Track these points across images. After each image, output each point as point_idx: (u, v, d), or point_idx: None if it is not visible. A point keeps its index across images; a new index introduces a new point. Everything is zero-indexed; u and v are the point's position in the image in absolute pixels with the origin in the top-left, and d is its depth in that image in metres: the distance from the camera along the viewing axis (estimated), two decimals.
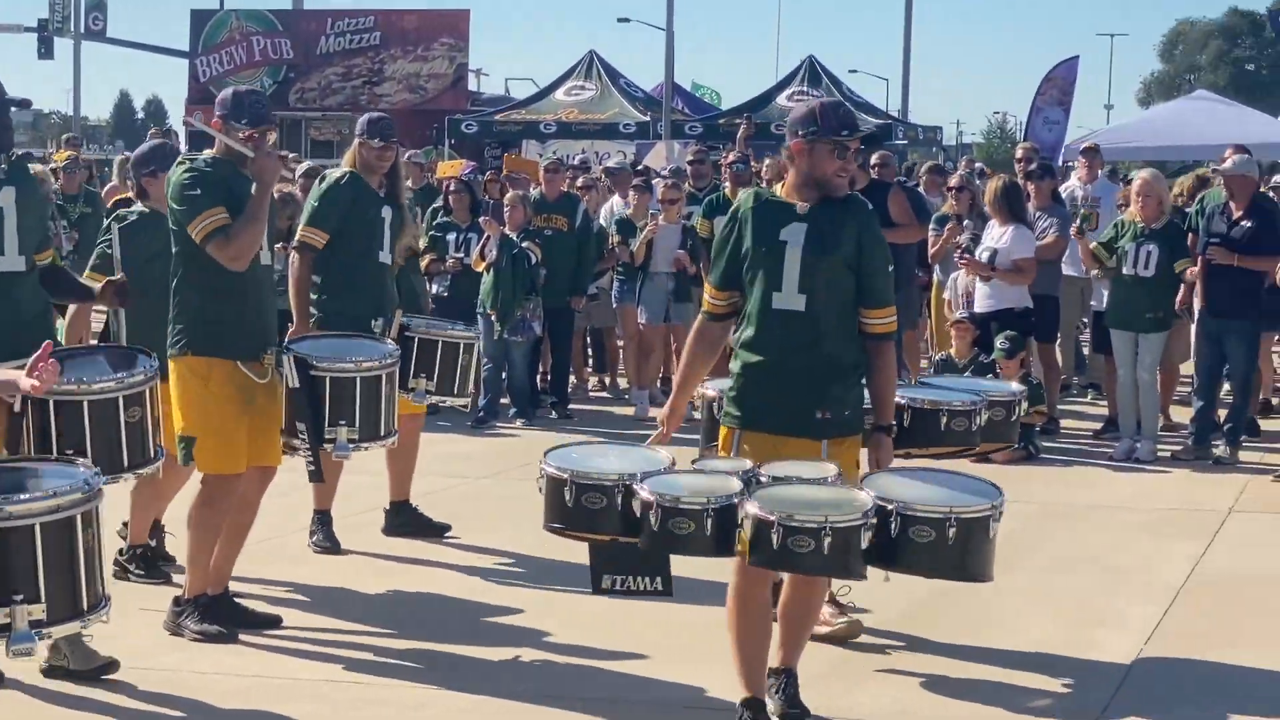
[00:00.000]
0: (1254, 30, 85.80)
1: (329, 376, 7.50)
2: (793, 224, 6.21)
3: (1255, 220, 11.96)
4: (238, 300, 7.40)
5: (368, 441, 7.71)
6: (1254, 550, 9.60)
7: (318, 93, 38.33)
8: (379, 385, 7.67)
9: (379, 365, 7.70)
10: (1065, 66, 25.70)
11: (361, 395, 7.58)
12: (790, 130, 6.29)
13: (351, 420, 7.56)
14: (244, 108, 7.51)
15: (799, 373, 6.16)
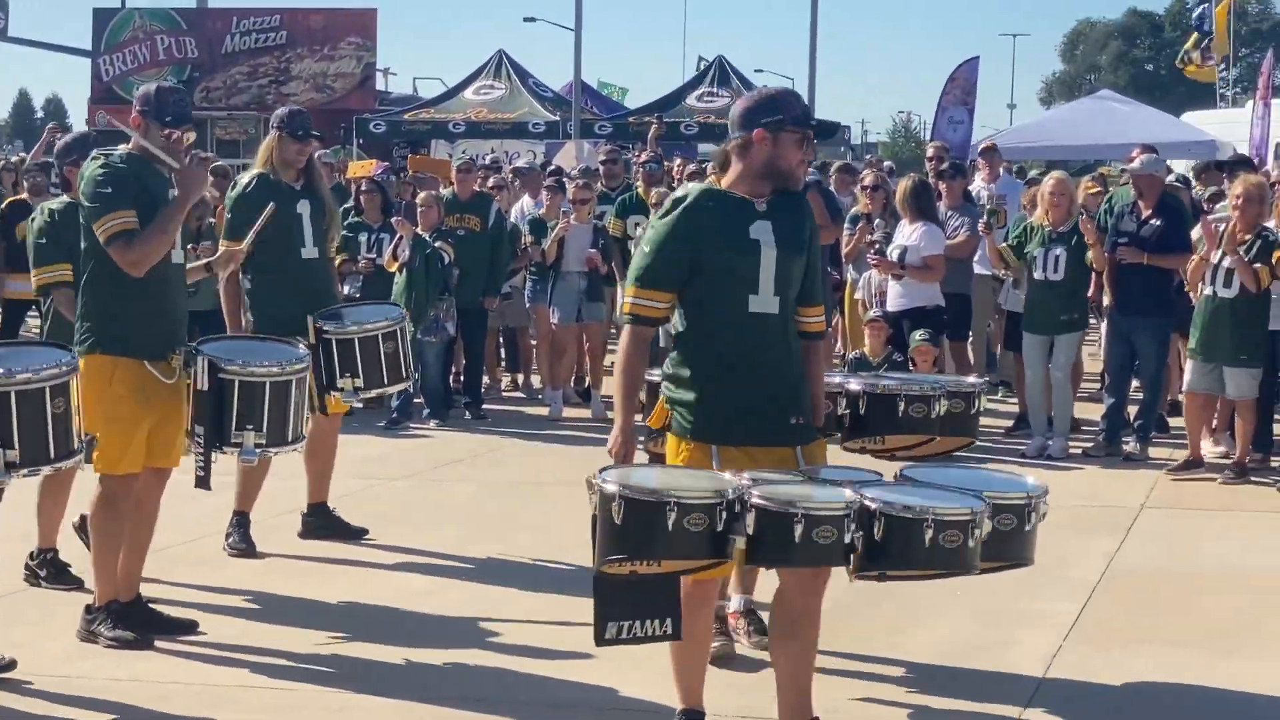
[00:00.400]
0: (1153, 31, 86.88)
1: (238, 380, 7.38)
2: (758, 221, 5.85)
3: (1164, 219, 12.09)
4: (145, 299, 7.30)
5: (274, 447, 7.60)
6: (1166, 546, 9.70)
7: (223, 92, 38.03)
8: (289, 390, 7.55)
9: (289, 371, 7.56)
10: (967, 67, 25.91)
11: (270, 400, 7.46)
12: (745, 119, 5.87)
13: (259, 425, 7.44)
14: (167, 106, 7.41)
15: (776, 379, 5.88)
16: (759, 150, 5.85)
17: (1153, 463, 11.94)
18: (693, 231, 5.82)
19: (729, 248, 5.82)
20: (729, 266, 5.81)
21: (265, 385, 7.41)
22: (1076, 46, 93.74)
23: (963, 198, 14.19)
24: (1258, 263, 11.16)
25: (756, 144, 5.85)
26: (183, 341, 7.46)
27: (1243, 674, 7.15)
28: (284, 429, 7.54)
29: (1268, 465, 11.76)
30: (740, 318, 5.83)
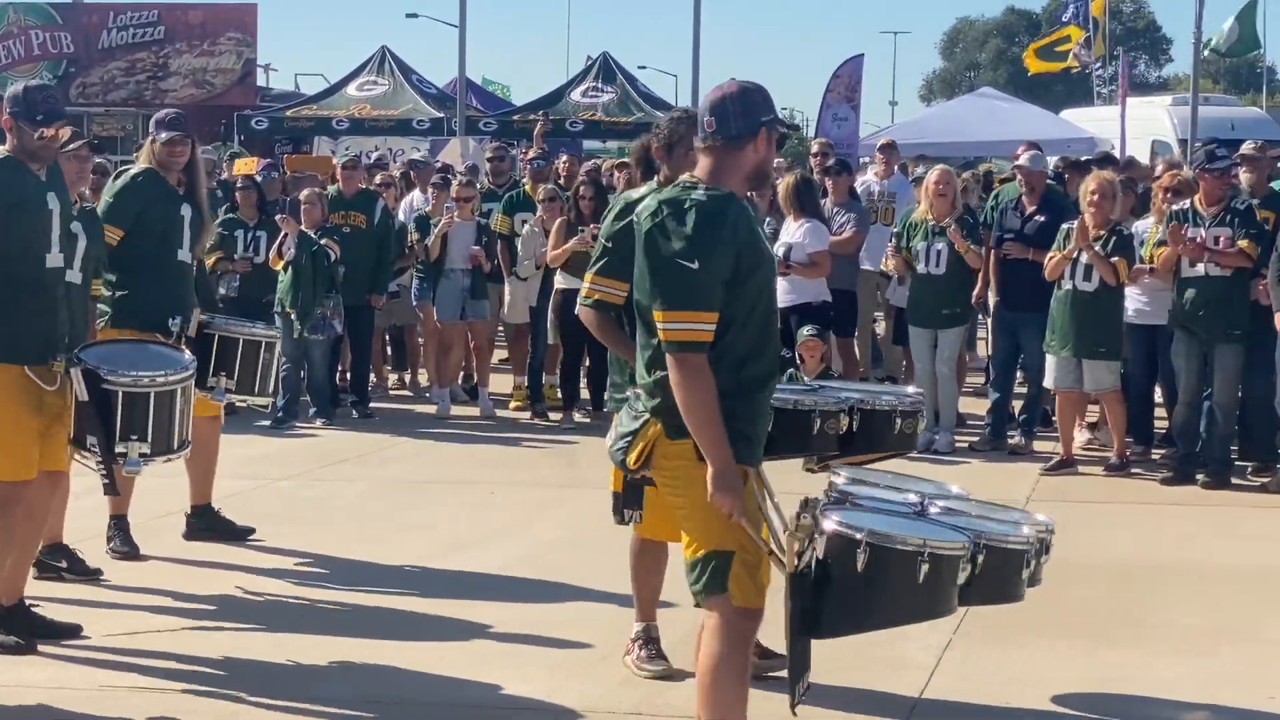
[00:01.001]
0: (1030, 29, 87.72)
1: (121, 391, 7.26)
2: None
3: (1047, 214, 12.23)
4: (23, 303, 7.17)
5: (160, 455, 7.47)
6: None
7: (100, 88, 37.49)
8: (173, 399, 7.43)
9: (174, 379, 7.43)
10: (851, 64, 26.05)
11: (155, 409, 7.33)
12: (748, 116, 5.33)
13: (144, 435, 7.31)
14: (36, 105, 7.26)
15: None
16: (759, 151, 5.37)
17: (1038, 456, 12.06)
18: (736, 241, 5.23)
19: (763, 259, 5.36)
20: (766, 277, 5.40)
21: (150, 395, 7.28)
22: (956, 44, 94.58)
23: (849, 194, 14.26)
24: (1116, 256, 11.32)
25: (761, 144, 5.36)
26: (63, 347, 7.28)
27: (1124, 663, 7.27)
28: (169, 437, 7.41)
29: (1148, 457, 11.92)
30: (772, 332, 5.46)
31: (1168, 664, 7.26)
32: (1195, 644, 7.57)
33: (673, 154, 6.56)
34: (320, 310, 13.50)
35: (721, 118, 5.32)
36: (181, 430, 7.49)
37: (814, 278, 12.85)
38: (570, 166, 15.45)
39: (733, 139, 5.30)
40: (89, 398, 7.12)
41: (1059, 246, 11.55)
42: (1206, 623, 7.93)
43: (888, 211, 15.06)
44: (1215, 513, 10.44)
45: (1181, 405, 11.34)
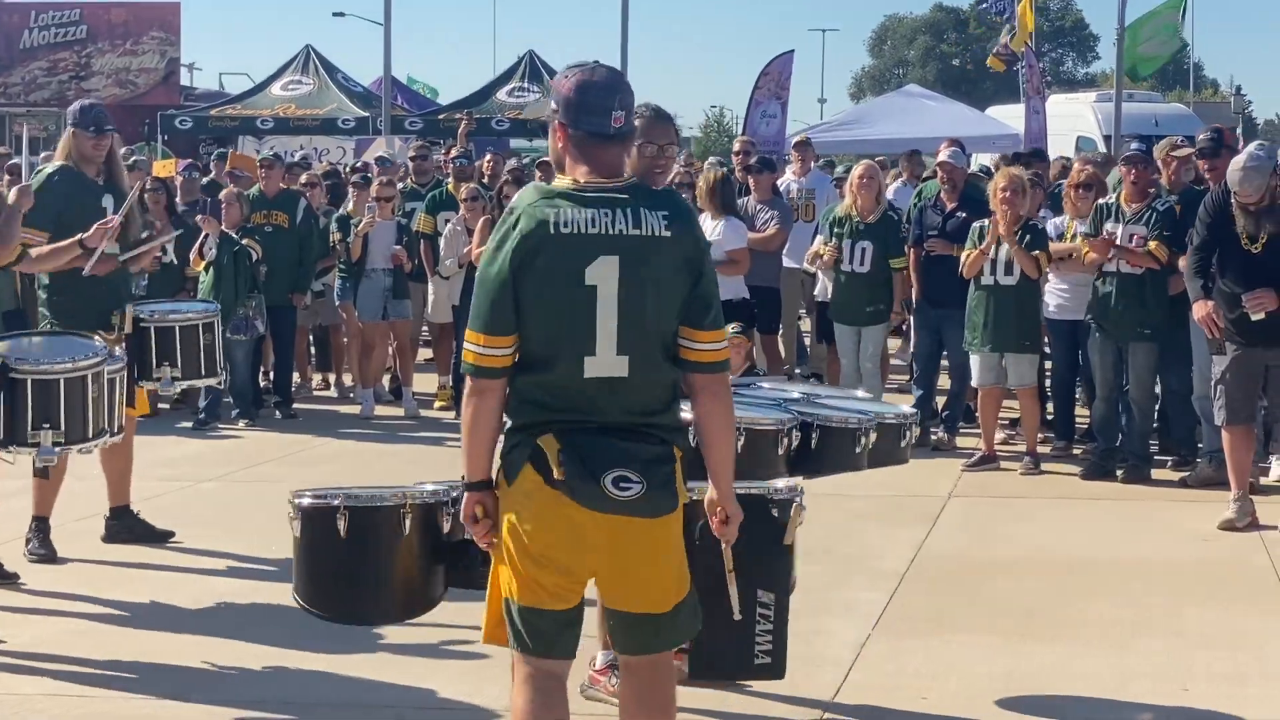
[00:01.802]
0: (958, 26, 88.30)
1: (30, 379, 7.21)
2: None
3: (968, 210, 12.29)
4: None
5: (75, 444, 7.43)
6: (972, 534, 9.86)
7: (22, 88, 37.25)
8: (85, 386, 7.38)
9: (82, 366, 7.39)
10: (781, 61, 26.05)
11: (66, 397, 7.29)
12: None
13: (56, 423, 7.27)
14: None
15: None
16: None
17: (960, 452, 12.12)
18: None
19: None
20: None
21: (60, 382, 7.24)
22: (885, 41, 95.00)
23: (772, 192, 14.30)
24: (1033, 250, 11.40)
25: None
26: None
27: (1043, 656, 7.32)
28: (83, 425, 7.37)
29: (1070, 452, 12.00)
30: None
31: (1085, 657, 7.31)
32: (1112, 637, 7.63)
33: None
34: (242, 310, 13.43)
35: (629, 110, 4.97)
36: (99, 418, 7.43)
37: (733, 275, 12.85)
38: (494, 165, 15.43)
39: (632, 133, 5.00)
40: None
41: (972, 244, 11.61)
42: (1123, 616, 7.99)
43: (808, 208, 15.12)
44: (1133, 507, 10.52)
45: (1099, 401, 11.43)
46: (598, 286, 4.68)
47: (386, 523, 5.61)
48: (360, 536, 5.60)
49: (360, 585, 5.74)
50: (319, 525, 5.63)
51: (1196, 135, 11.65)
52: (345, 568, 5.70)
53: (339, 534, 5.58)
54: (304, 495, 5.72)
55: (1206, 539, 9.62)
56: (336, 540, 5.60)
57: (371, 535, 5.63)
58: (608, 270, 4.68)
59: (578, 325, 4.70)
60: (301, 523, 5.67)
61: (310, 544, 5.69)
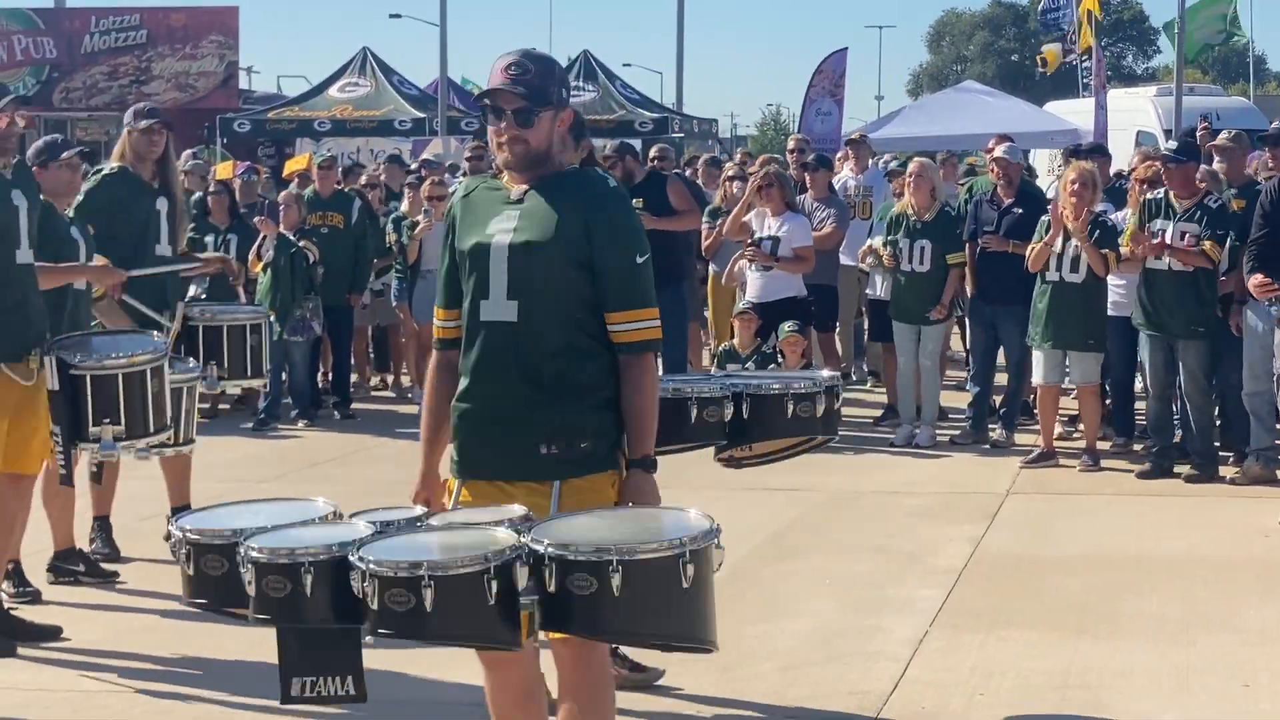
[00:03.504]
0: (1017, 21, 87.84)
1: (89, 375, 7.25)
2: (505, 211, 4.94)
3: (1024, 207, 12.25)
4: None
5: (135, 438, 7.45)
6: (1030, 531, 9.84)
7: (83, 92, 37.46)
8: (144, 380, 7.39)
9: (139, 361, 7.37)
10: (835, 58, 26.05)
11: (125, 391, 7.31)
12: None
13: (116, 417, 7.30)
14: None
15: (512, 399, 4.93)
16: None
17: (1018, 449, 12.09)
18: (450, 231, 5.04)
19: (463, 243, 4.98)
20: (466, 266, 4.96)
21: (118, 377, 7.28)
22: (943, 38, 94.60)
23: (828, 190, 14.29)
24: (1103, 247, 11.34)
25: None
26: (39, 341, 7.30)
27: (1100, 652, 7.29)
28: (144, 419, 7.38)
29: (1130, 449, 11.95)
30: (474, 328, 4.94)
31: (1143, 654, 7.28)
32: (1171, 634, 7.60)
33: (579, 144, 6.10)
34: (299, 311, 13.52)
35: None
36: (159, 413, 7.46)
37: (798, 273, 12.88)
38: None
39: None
40: (59, 386, 7.13)
41: (1039, 238, 11.55)
42: (1181, 613, 7.96)
43: (865, 205, 15.10)
44: (1192, 503, 10.47)
45: (1152, 399, 11.35)
46: None
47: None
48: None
49: None
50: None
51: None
52: None
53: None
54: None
55: (1267, 534, 9.56)
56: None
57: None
58: None
59: None
60: None
61: None
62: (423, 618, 4.33)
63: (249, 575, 4.66)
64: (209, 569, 4.96)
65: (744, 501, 9.96)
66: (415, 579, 4.32)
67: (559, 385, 4.87)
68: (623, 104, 30.33)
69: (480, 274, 4.89)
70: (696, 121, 35.12)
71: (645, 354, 4.93)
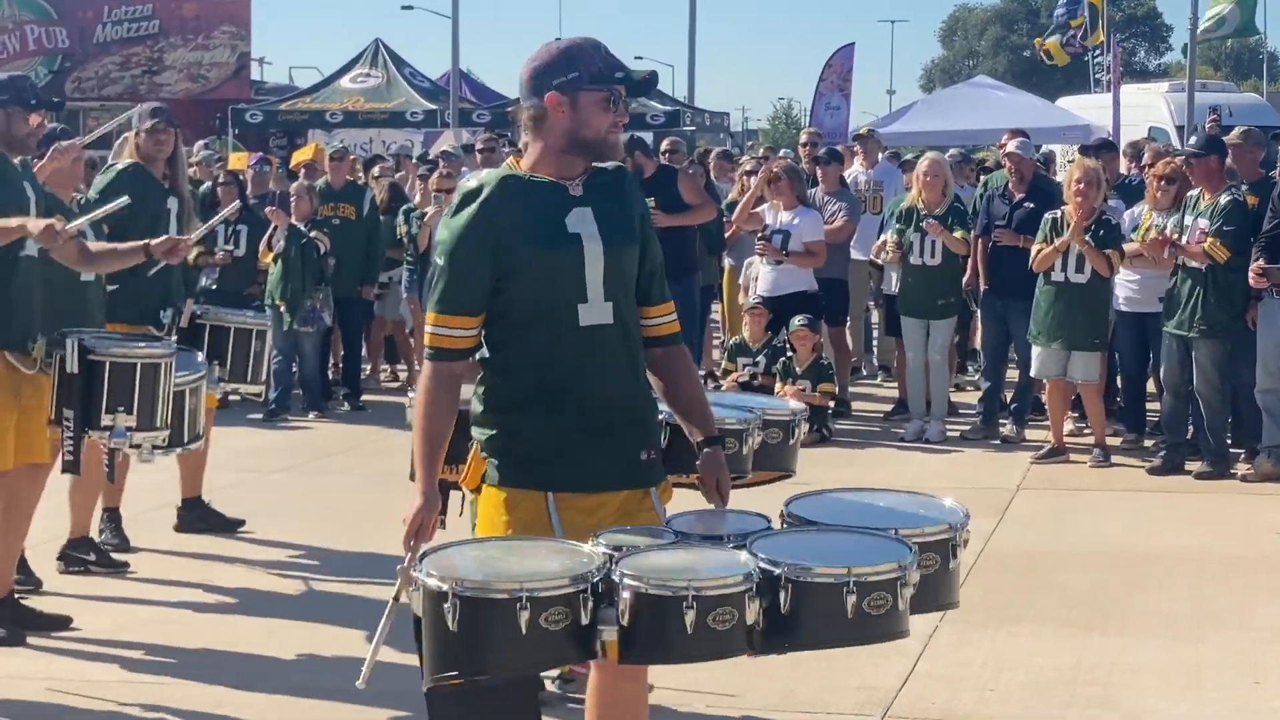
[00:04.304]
0: (1030, 16, 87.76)
1: (108, 362, 7.25)
2: (575, 209, 4.66)
3: (1036, 202, 12.22)
4: (7, 297, 7.18)
5: (145, 431, 7.43)
6: (1041, 526, 9.82)
7: (95, 82, 37.51)
8: (158, 374, 7.40)
9: (158, 353, 7.42)
10: (843, 53, 26.07)
11: (140, 382, 7.31)
12: (535, 88, 4.63)
13: (130, 407, 7.30)
14: (26, 91, 7.30)
15: (617, 405, 4.76)
16: (562, 117, 4.61)
17: (1029, 444, 12.07)
18: (491, 232, 4.60)
19: (541, 245, 4.62)
20: (545, 268, 4.62)
21: (136, 366, 7.29)
22: (955, 32, 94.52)
23: (839, 183, 14.27)
24: (1106, 248, 11.30)
25: (561, 110, 4.61)
26: (41, 332, 7.30)
27: (1111, 648, 7.28)
28: (153, 413, 7.39)
29: (1141, 445, 11.93)
30: (568, 333, 4.64)
31: (1154, 650, 7.27)
32: (1181, 630, 7.58)
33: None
34: (310, 302, 13.52)
35: (521, 91, 4.70)
36: (166, 411, 7.46)
37: (809, 267, 12.87)
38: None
39: (531, 114, 4.65)
40: (77, 370, 7.12)
41: (1044, 237, 11.53)
42: (1192, 609, 7.95)
43: (875, 200, 15.08)
44: (1203, 500, 10.45)
45: (1166, 395, 11.33)
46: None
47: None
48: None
49: None
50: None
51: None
52: None
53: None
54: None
55: (1278, 532, 9.54)
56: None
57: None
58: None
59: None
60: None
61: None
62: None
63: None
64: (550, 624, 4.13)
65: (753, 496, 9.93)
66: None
67: (649, 387, 4.85)
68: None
69: (574, 276, 4.62)
70: (708, 115, 35.09)
71: (682, 342, 4.96)
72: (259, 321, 9.25)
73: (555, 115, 4.60)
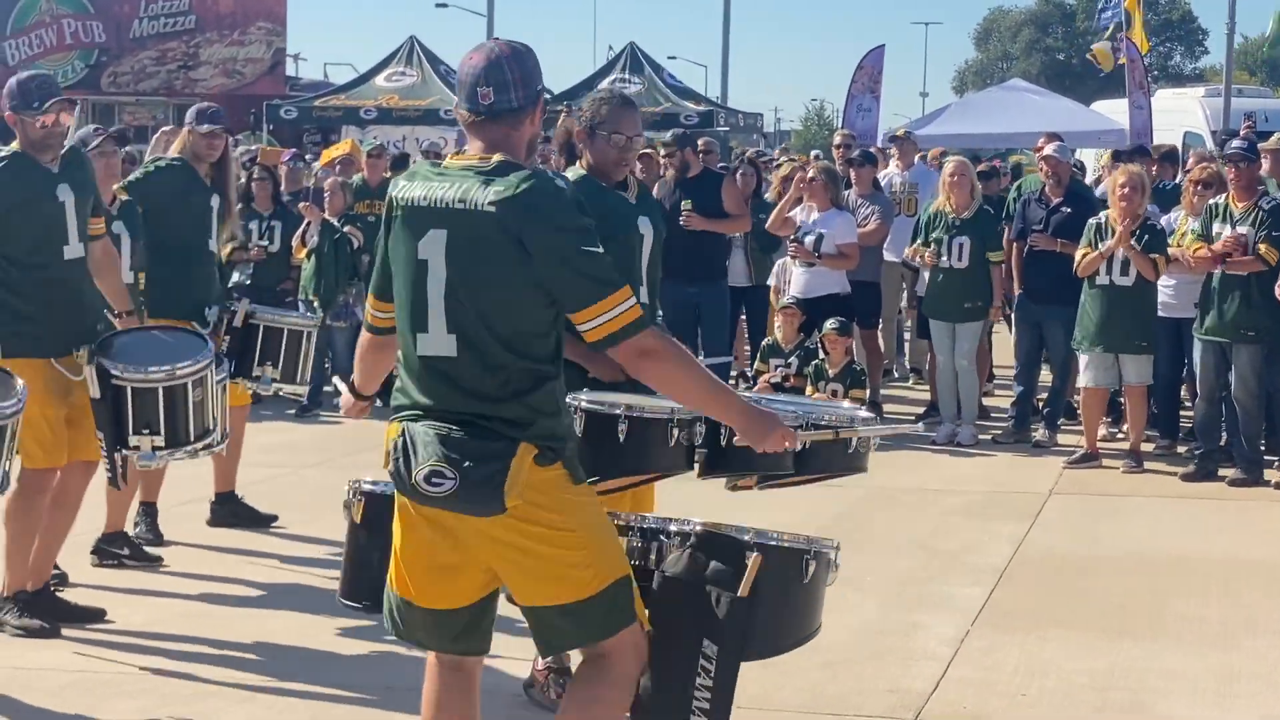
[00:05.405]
0: (1065, 19, 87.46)
1: (130, 386, 7.22)
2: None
3: (1072, 206, 12.19)
4: (43, 296, 7.21)
5: (173, 448, 7.38)
6: (1072, 531, 9.80)
7: (131, 77, 37.62)
8: (185, 392, 7.35)
9: (182, 372, 7.33)
10: (873, 55, 26.03)
11: (165, 403, 7.28)
12: (528, 86, 4.62)
13: (155, 429, 7.29)
14: (31, 93, 7.28)
15: None
16: (535, 125, 4.68)
17: (1061, 449, 12.04)
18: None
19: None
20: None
21: (158, 390, 7.26)
22: (990, 35, 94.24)
23: (872, 185, 14.25)
24: (1151, 252, 11.26)
25: (538, 116, 4.68)
26: (89, 336, 7.30)
27: (1143, 654, 7.26)
28: (184, 430, 7.35)
29: (1174, 451, 11.89)
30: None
31: (1186, 656, 7.25)
32: (1214, 637, 7.57)
33: (594, 138, 6.05)
34: (343, 297, 13.56)
35: (500, 86, 4.56)
36: (201, 420, 7.44)
37: (842, 269, 12.86)
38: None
39: (513, 111, 4.58)
40: (100, 394, 7.13)
41: (1089, 242, 11.48)
42: (1225, 615, 7.93)
43: (910, 202, 15.06)
44: (1237, 507, 10.42)
45: (1201, 401, 11.29)
46: (428, 261, 4.55)
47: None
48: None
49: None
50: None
51: None
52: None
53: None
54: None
55: None
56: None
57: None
58: (435, 245, 4.52)
59: (413, 301, 4.59)
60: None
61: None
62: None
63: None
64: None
65: (785, 497, 9.93)
66: None
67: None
68: (668, 96, 30.30)
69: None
70: (742, 116, 35.05)
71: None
72: (310, 322, 9.28)
73: (534, 121, 4.65)
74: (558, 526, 4.55)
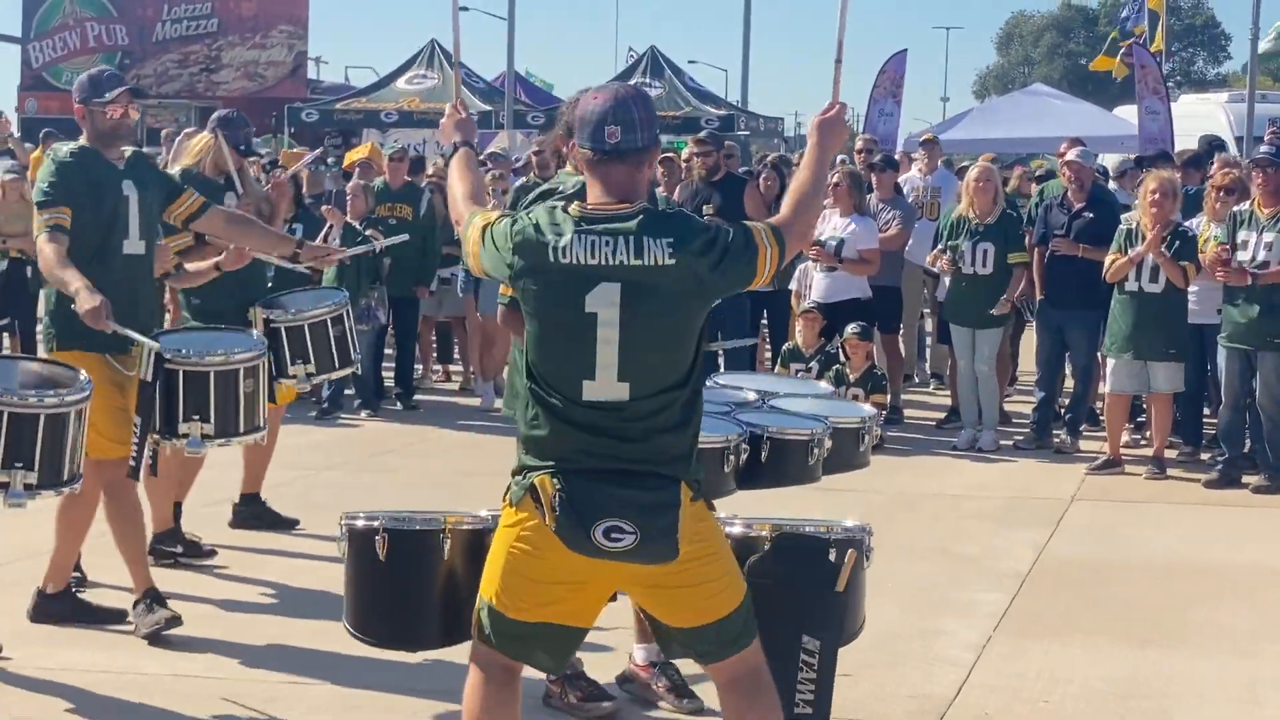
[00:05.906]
0: (1087, 24, 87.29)
1: (183, 370, 7.22)
2: None
3: (1095, 211, 12.16)
4: (103, 292, 7.20)
5: (223, 437, 7.37)
6: (1095, 537, 9.77)
7: (153, 80, 37.68)
8: (236, 380, 7.35)
9: (234, 360, 7.34)
10: (895, 59, 25.98)
11: (216, 390, 7.27)
12: (651, 128, 4.76)
13: (205, 415, 7.26)
14: (101, 84, 7.34)
15: None
16: (653, 168, 4.93)
17: (1083, 455, 12.01)
18: None
19: None
20: None
21: (210, 375, 7.24)
22: (1012, 40, 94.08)
23: (894, 190, 14.23)
24: (1182, 259, 11.21)
25: (655, 159, 4.88)
26: (147, 333, 7.31)
27: (1167, 661, 7.24)
28: (234, 419, 7.35)
29: (1197, 458, 11.85)
30: None
31: (1211, 664, 7.22)
32: (1239, 644, 7.53)
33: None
34: (365, 300, 13.55)
35: (627, 125, 4.67)
36: (249, 414, 7.44)
37: (863, 274, 12.84)
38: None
39: (638, 150, 4.70)
40: (151, 378, 7.12)
41: (1118, 247, 11.43)
42: (1249, 623, 7.89)
43: (933, 206, 15.02)
44: (1260, 513, 10.39)
45: (1225, 408, 11.24)
46: (598, 314, 4.60)
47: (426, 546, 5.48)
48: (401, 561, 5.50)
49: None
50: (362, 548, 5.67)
51: None
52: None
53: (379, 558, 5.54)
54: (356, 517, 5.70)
55: None
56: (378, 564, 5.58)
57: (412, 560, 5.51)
58: (608, 297, 4.59)
59: (576, 350, 4.63)
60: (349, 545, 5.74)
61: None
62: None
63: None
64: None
65: (806, 502, 9.92)
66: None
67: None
68: (689, 100, 30.28)
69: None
70: (762, 120, 35.02)
71: None
72: (329, 307, 8.69)
73: (652, 164, 4.86)
74: (702, 556, 4.69)
